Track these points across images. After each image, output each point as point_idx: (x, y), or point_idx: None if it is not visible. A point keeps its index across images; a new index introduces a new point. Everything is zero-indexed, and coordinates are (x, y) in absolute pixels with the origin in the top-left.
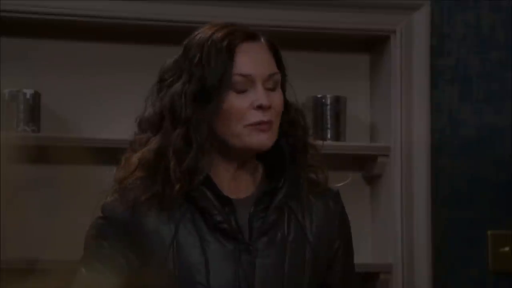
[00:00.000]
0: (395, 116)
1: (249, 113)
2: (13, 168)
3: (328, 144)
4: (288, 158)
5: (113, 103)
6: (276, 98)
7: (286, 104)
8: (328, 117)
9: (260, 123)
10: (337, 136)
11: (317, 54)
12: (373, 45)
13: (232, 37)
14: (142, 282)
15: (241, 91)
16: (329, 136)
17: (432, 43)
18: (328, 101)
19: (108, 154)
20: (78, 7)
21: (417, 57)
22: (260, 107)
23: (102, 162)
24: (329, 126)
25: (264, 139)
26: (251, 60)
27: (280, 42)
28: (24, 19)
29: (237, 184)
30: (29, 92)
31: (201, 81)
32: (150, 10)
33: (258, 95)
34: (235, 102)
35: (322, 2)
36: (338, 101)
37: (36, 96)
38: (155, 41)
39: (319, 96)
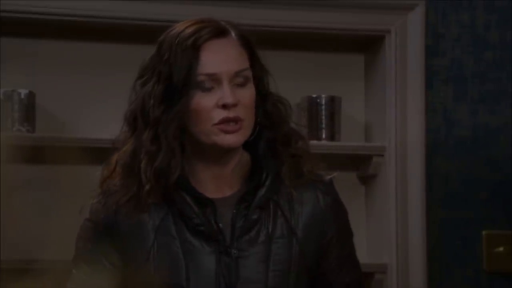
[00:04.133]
0: (390, 116)
1: (215, 111)
2: (9, 168)
3: (323, 144)
4: (267, 153)
5: (108, 103)
6: (245, 95)
7: (264, 97)
8: (323, 117)
9: (226, 120)
10: (332, 136)
11: (312, 54)
12: (368, 45)
13: (198, 34)
14: (125, 284)
15: (207, 90)
16: (324, 136)
17: (426, 43)
18: (323, 101)
19: (103, 154)
20: (74, 7)
21: (411, 57)
22: (224, 106)
23: (97, 162)
24: (324, 126)
25: (230, 140)
26: (216, 59)
27: (275, 42)
28: (18, 19)
29: (220, 182)
30: (24, 92)
31: (168, 81)
32: (146, 10)
33: (224, 93)
34: (201, 101)
35: (316, 2)
36: (333, 101)
37: (31, 96)
38: (152, 41)
39: (314, 96)
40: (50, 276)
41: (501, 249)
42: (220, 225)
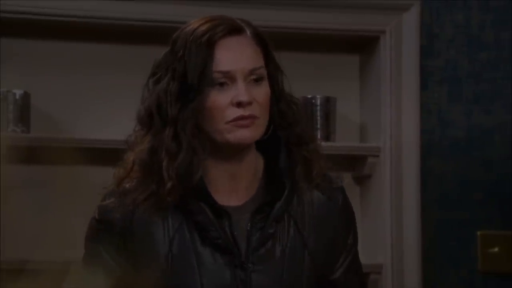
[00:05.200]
0: (384, 117)
1: (230, 109)
2: (4, 168)
3: None
4: (284, 157)
5: (103, 104)
6: (260, 92)
7: (278, 96)
8: (318, 117)
9: (240, 118)
10: (327, 137)
11: (307, 55)
12: (363, 45)
13: (213, 31)
14: None
15: (222, 88)
16: (319, 136)
17: (421, 44)
18: (318, 102)
19: (98, 154)
20: (69, 7)
21: (406, 58)
22: (239, 104)
23: (92, 162)
24: (319, 126)
25: (244, 135)
26: (231, 56)
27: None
28: (14, 19)
29: (236, 186)
30: (18, 92)
31: (183, 78)
32: (142, 10)
33: (238, 91)
34: (216, 99)
35: (311, 2)
36: (328, 102)
37: (26, 96)
38: (147, 41)
39: (309, 96)
40: (47, 277)
41: (496, 249)
42: (235, 233)
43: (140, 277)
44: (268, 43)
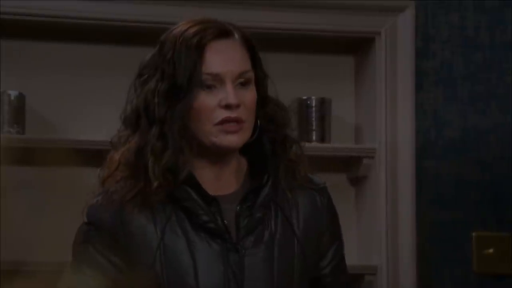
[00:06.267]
0: (380, 118)
1: (217, 111)
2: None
3: (313, 146)
4: (269, 154)
5: (98, 105)
6: (247, 96)
7: (265, 100)
8: (313, 119)
9: (227, 120)
10: (322, 138)
11: (302, 56)
12: (358, 46)
13: (203, 34)
14: (130, 286)
15: (211, 90)
16: (314, 138)
17: (416, 45)
18: (313, 103)
19: (93, 155)
20: (64, 8)
21: (401, 59)
22: (228, 106)
23: (87, 163)
24: (314, 127)
25: (231, 141)
26: (220, 59)
27: (265, 44)
28: (8, 20)
29: (221, 182)
30: (13, 93)
31: (172, 79)
32: (136, 12)
33: (227, 94)
34: (205, 100)
35: (306, 3)
36: (323, 103)
37: (21, 97)
38: (142, 43)
39: (304, 97)
40: (41, 278)
41: (490, 250)
42: (225, 221)
43: (135, 272)
44: (255, 46)
